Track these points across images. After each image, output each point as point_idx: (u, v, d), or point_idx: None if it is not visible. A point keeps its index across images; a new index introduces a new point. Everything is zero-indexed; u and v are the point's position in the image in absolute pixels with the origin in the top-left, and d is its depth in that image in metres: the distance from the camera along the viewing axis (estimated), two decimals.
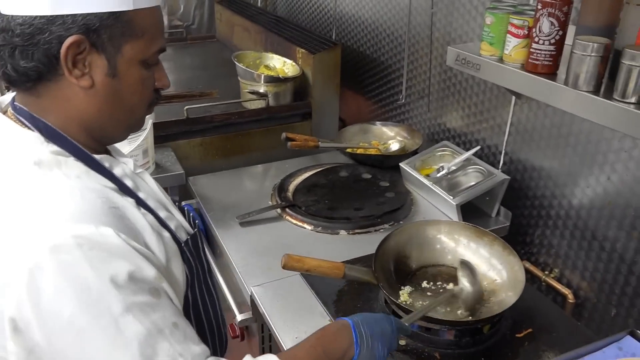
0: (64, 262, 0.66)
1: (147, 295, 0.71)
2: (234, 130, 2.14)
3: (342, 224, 1.56)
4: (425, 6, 1.91)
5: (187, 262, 0.89)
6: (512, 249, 1.21)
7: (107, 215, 0.71)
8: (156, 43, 0.81)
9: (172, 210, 0.93)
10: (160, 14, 0.84)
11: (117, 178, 0.82)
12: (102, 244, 0.68)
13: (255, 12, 2.92)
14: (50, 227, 0.67)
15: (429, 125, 2.04)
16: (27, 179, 0.72)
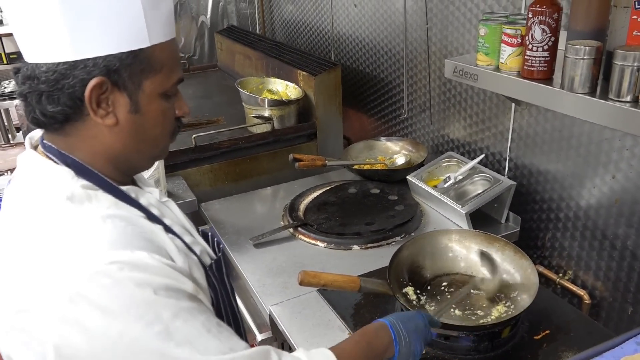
0: (106, 285, 0.69)
1: (190, 301, 0.75)
2: (242, 155, 2.19)
3: (355, 239, 1.59)
4: (420, 22, 1.96)
5: (212, 286, 0.91)
6: (524, 252, 1.23)
7: (139, 240, 0.75)
8: (174, 74, 0.84)
9: (196, 236, 0.95)
10: (176, 46, 0.86)
11: (144, 207, 0.85)
12: (140, 265, 0.72)
13: (255, 39, 2.99)
14: (88, 256, 0.70)
15: (433, 138, 2.08)
16: (60, 213, 0.75)
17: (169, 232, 0.84)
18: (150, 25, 0.78)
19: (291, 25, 3.10)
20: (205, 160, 2.13)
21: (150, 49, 0.79)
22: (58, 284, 0.69)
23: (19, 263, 0.74)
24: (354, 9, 2.41)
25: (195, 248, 0.90)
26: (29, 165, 0.82)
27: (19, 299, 0.72)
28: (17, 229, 0.77)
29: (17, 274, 0.74)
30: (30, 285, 0.71)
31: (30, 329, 0.70)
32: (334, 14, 2.57)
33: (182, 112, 0.88)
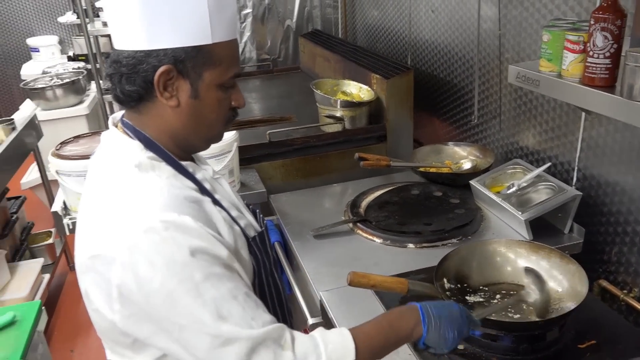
0: (155, 241, 0.82)
1: (222, 268, 0.85)
2: (313, 153, 2.29)
3: (411, 238, 1.63)
4: (494, 28, 1.96)
5: (254, 255, 1.01)
6: (570, 257, 1.22)
7: (187, 207, 0.87)
8: (231, 69, 0.95)
9: (243, 210, 1.07)
10: (236, 45, 0.98)
11: (198, 181, 0.97)
12: (183, 227, 0.84)
13: (336, 43, 3.10)
14: (144, 214, 0.84)
15: (502, 145, 2.06)
16: (129, 178, 0.90)
17: (217, 205, 0.95)
18: (213, 26, 0.90)
19: (372, 30, 3.17)
20: (278, 156, 2.25)
21: (212, 46, 0.91)
22: (121, 236, 0.83)
23: (94, 217, 0.90)
24: (431, 15, 2.44)
25: (240, 221, 1.00)
26: (109, 139, 0.97)
27: (92, 246, 0.87)
28: (95, 190, 0.93)
29: (92, 226, 0.89)
30: (102, 235, 0.86)
31: (101, 270, 0.85)
32: (412, 19, 2.61)
33: (238, 104, 0.99)
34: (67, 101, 3.62)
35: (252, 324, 0.84)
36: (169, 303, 0.82)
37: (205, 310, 0.82)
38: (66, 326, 2.88)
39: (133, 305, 0.84)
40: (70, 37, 5.62)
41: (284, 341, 0.87)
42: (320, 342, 0.89)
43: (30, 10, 5.71)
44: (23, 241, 3.01)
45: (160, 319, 0.83)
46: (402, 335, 0.97)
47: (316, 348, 0.88)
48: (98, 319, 0.91)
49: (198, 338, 0.82)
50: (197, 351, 0.83)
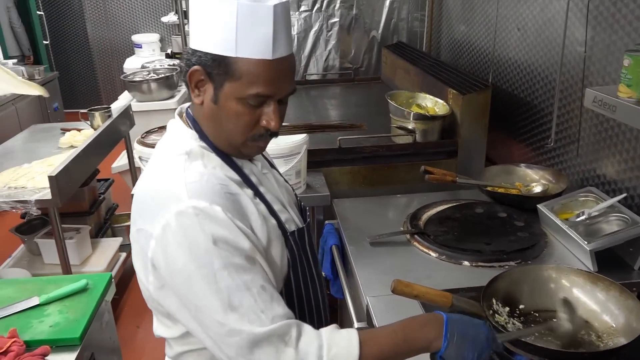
0: (184, 224, 0.89)
1: (242, 259, 0.91)
2: (381, 162, 2.31)
3: (467, 255, 1.61)
4: (580, 49, 1.89)
5: (291, 249, 1.05)
6: (631, 292, 1.15)
7: (220, 198, 0.93)
8: (253, 88, 0.94)
9: (287, 206, 1.11)
10: (268, 66, 0.94)
11: (245, 174, 1.03)
12: (211, 216, 0.90)
13: (418, 56, 3.10)
14: (180, 198, 0.91)
15: (577, 172, 1.98)
16: (177, 163, 0.97)
17: (259, 197, 1.01)
18: (239, 40, 0.92)
19: (456, 45, 3.14)
20: (347, 162, 2.30)
21: (235, 59, 0.93)
22: (159, 214, 0.91)
23: (145, 194, 0.99)
24: (517, 33, 2.38)
25: (281, 215, 1.06)
26: (171, 127, 1.06)
27: (139, 220, 0.97)
28: (150, 171, 1.02)
29: (141, 202, 0.99)
30: (146, 212, 0.96)
31: (142, 243, 0.94)
32: (497, 37, 2.56)
33: (267, 125, 0.99)
34: (159, 95, 3.87)
35: (262, 316, 0.88)
36: (188, 284, 0.89)
37: (217, 297, 0.88)
38: (135, 304, 3.07)
39: (162, 278, 0.93)
40: (170, 36, 6.00)
41: (288, 338, 0.90)
42: (325, 343, 0.91)
43: (137, 9, 6.16)
44: (107, 220, 3.26)
45: (181, 296, 0.91)
46: (417, 347, 0.97)
47: (319, 350, 0.90)
48: (142, 287, 1.01)
49: (209, 321, 0.89)
50: (209, 332, 0.90)
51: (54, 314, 1.41)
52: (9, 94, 4.19)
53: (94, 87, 6.56)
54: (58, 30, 6.39)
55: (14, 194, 2.23)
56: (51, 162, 2.53)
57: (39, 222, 2.91)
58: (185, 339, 1.01)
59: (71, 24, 6.37)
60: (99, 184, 3.26)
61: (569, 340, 1.11)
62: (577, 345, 1.13)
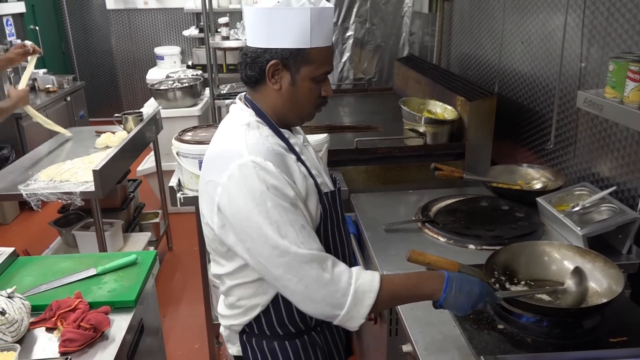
0: (245, 174, 1.14)
1: (287, 203, 1.15)
2: (394, 162, 2.51)
3: (472, 240, 1.80)
4: (577, 61, 2.09)
5: (324, 205, 1.27)
6: (613, 263, 1.34)
7: (272, 157, 1.18)
8: (323, 67, 1.23)
9: (322, 172, 1.34)
10: (330, 50, 1.25)
11: (290, 143, 1.27)
12: (265, 168, 1.14)
13: (428, 68, 3.31)
14: (242, 155, 1.16)
15: (574, 171, 2.17)
16: (239, 131, 1.22)
17: (300, 162, 1.26)
18: (312, 35, 1.19)
19: (464, 58, 3.35)
20: (363, 162, 2.50)
21: (310, 49, 1.20)
22: (225, 167, 1.15)
23: (212, 155, 1.25)
24: (520, 46, 2.59)
25: (317, 179, 1.28)
26: (233, 107, 1.31)
27: (208, 175, 1.21)
28: (216, 139, 1.27)
29: (210, 161, 1.24)
30: (215, 168, 1.19)
31: (210, 192, 1.18)
32: (503, 50, 2.78)
33: (327, 94, 1.27)
34: (184, 102, 4.11)
35: (301, 246, 1.12)
36: (246, 219, 1.13)
37: (270, 228, 1.12)
38: (160, 296, 3.26)
39: (224, 217, 1.16)
40: (190, 49, 6.28)
41: (325, 265, 1.14)
42: (354, 275, 1.15)
43: (160, 24, 6.46)
44: (135, 217, 3.48)
45: (239, 231, 1.15)
46: (423, 293, 1.20)
47: (349, 278, 1.14)
48: (206, 231, 1.25)
49: (262, 248, 1.13)
50: (261, 257, 1.14)
51: (110, 282, 1.62)
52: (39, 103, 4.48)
53: (116, 97, 6.85)
54: (84, 42, 6.70)
55: (59, 187, 2.46)
56: (91, 159, 2.76)
57: (75, 216, 3.13)
58: (235, 274, 1.26)
59: (97, 37, 6.67)
60: (129, 184, 3.48)
61: (574, 302, 1.30)
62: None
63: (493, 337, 1.30)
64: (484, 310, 1.39)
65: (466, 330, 1.33)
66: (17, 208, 4.44)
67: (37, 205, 2.40)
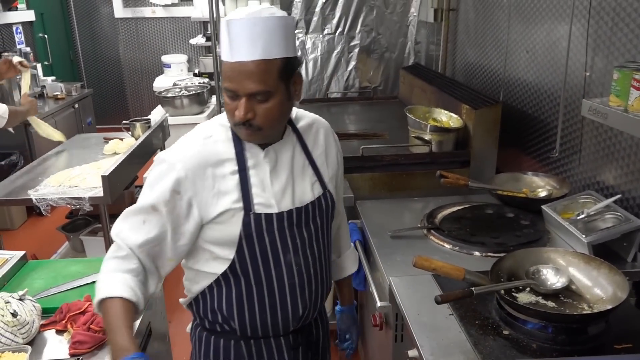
0: (154, 166, 1.28)
1: (155, 202, 1.24)
2: (400, 170, 2.53)
3: (477, 247, 1.81)
4: (582, 69, 2.11)
5: (246, 225, 1.25)
6: (618, 269, 1.35)
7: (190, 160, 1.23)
8: (225, 82, 1.20)
9: (267, 192, 1.28)
10: (233, 67, 1.18)
11: (243, 153, 1.27)
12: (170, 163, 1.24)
13: (434, 76, 3.34)
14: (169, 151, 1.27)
15: (579, 179, 2.18)
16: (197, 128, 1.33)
17: (240, 174, 1.26)
18: (223, 47, 1.18)
19: (469, 67, 3.38)
20: (368, 169, 2.52)
21: (224, 62, 1.19)
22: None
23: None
24: (525, 55, 2.62)
25: (255, 197, 1.27)
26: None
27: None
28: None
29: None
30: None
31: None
32: (508, 59, 2.80)
33: (236, 114, 1.20)
34: (190, 110, 4.15)
35: (124, 231, 1.25)
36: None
37: (134, 206, 1.26)
38: (167, 301, 3.28)
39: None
40: (197, 57, 6.33)
41: (117, 255, 1.23)
42: (119, 276, 1.22)
43: (167, 32, 6.52)
44: None
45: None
46: (110, 341, 1.16)
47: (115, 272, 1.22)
48: None
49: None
50: None
51: None
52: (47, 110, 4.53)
53: (123, 104, 6.91)
54: (92, 50, 6.77)
55: (69, 192, 2.49)
56: (99, 165, 2.80)
57: (82, 222, 3.16)
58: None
59: (105, 45, 6.74)
60: (136, 190, 3.50)
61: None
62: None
63: (498, 343, 1.31)
64: (490, 316, 1.41)
65: (472, 336, 1.34)
66: (24, 213, 4.48)
67: (46, 210, 2.43)
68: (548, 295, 1.40)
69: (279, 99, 1.22)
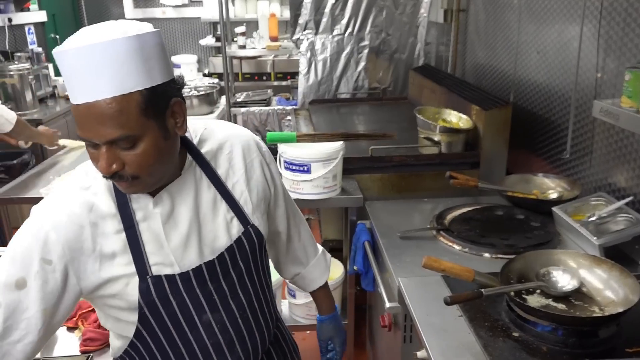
0: (29, 219, 1.04)
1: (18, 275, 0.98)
2: (409, 171, 2.52)
3: (487, 248, 1.80)
4: (593, 71, 2.10)
5: (145, 293, 1.04)
6: (629, 272, 1.34)
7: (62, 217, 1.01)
8: (79, 130, 0.95)
9: (166, 249, 1.07)
10: (81, 111, 0.93)
11: (129, 206, 1.04)
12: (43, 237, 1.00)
13: (444, 77, 3.33)
14: (41, 204, 1.05)
15: (591, 181, 2.16)
16: (73, 178, 1.08)
17: (127, 232, 1.04)
18: (67, 85, 0.94)
19: (479, 68, 3.36)
20: (377, 170, 2.51)
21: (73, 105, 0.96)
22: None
23: None
24: (535, 56, 2.60)
25: (150, 256, 1.05)
26: None
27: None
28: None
29: None
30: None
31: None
32: (518, 59, 2.78)
33: (99, 168, 0.97)
34: (200, 110, 4.17)
35: None
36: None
37: None
38: None
39: None
40: (207, 57, 6.36)
41: None
42: None
43: (177, 33, 6.55)
44: None
45: None
46: None
47: None
48: None
49: None
50: None
51: None
52: (58, 109, 4.57)
53: None
54: None
55: None
56: None
57: None
58: None
59: None
60: None
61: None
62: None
63: (508, 345, 1.31)
64: (500, 318, 1.40)
65: (481, 338, 1.33)
66: None
67: None
68: (558, 297, 1.39)
69: (150, 141, 0.97)
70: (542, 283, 1.41)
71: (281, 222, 1.39)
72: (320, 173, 2.20)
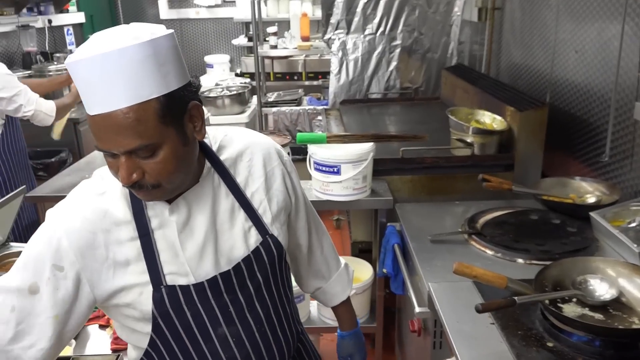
0: (43, 225, 1.03)
1: (30, 281, 0.98)
2: (441, 173, 2.48)
3: (521, 254, 1.76)
4: (635, 70, 2.02)
5: (160, 303, 1.02)
6: None
7: (77, 229, 1.00)
8: (96, 141, 0.94)
9: (181, 258, 1.04)
10: (98, 121, 0.91)
11: (144, 213, 1.02)
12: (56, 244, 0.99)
13: (477, 77, 3.27)
14: (57, 209, 1.04)
15: (631, 185, 2.08)
16: (89, 181, 1.08)
17: (142, 239, 1.02)
18: (83, 96, 0.92)
19: (514, 68, 3.29)
20: (408, 171, 2.48)
21: (89, 116, 0.94)
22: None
23: None
24: (574, 55, 2.52)
25: (165, 266, 1.03)
26: None
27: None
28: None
29: None
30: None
31: None
32: (555, 59, 2.71)
33: (120, 178, 0.96)
34: (232, 109, 4.21)
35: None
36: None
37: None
38: None
39: None
40: (239, 57, 6.41)
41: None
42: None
43: (210, 33, 6.63)
44: None
45: None
46: None
47: None
48: None
49: None
50: None
51: None
52: None
53: None
54: None
55: None
56: None
57: None
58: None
59: None
60: None
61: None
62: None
63: (542, 355, 1.26)
64: (533, 327, 1.36)
65: (514, 347, 1.29)
66: None
67: None
68: (596, 307, 1.34)
69: (170, 148, 0.95)
70: (579, 291, 1.36)
71: (302, 233, 1.34)
72: (350, 174, 2.18)
